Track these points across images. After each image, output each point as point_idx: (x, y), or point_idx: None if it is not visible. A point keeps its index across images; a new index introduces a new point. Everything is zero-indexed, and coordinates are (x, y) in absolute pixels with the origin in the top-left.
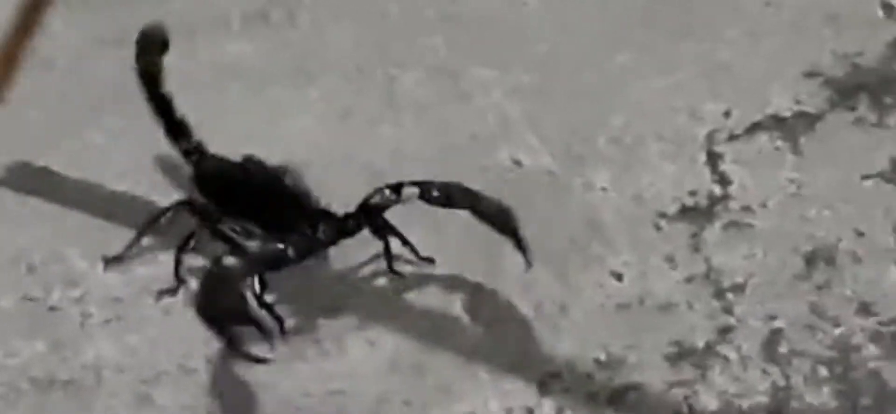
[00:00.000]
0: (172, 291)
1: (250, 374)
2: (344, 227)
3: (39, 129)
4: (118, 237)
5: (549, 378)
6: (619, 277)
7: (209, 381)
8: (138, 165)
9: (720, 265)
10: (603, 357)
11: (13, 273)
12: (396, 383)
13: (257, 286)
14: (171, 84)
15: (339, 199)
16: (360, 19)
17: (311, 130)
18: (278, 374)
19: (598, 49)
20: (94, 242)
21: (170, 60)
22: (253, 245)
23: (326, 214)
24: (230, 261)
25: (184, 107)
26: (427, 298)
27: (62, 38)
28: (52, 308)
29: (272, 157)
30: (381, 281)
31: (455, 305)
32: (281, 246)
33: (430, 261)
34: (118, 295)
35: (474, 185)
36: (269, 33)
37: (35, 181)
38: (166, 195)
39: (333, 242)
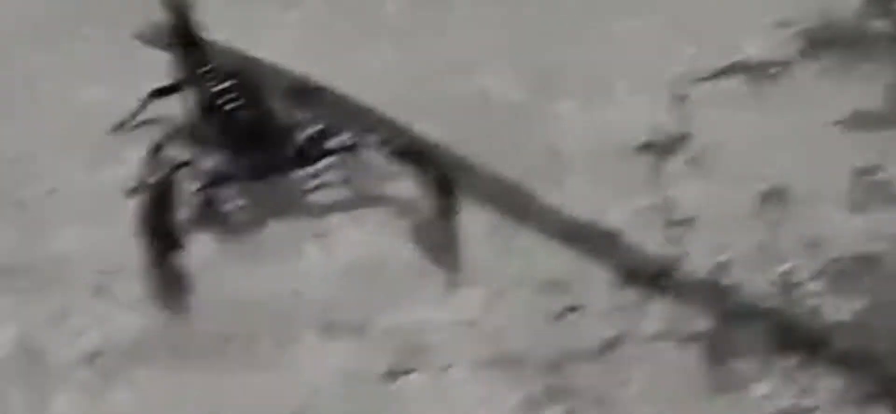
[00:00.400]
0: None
1: (205, 274)
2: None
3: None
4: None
5: (494, 296)
6: (572, 204)
7: None
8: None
9: (674, 198)
10: (549, 278)
11: None
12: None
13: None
14: None
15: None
16: None
17: (289, 52)
18: (232, 275)
19: None
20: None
21: None
22: (205, 161)
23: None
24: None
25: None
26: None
27: None
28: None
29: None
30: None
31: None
32: (227, 167)
33: None
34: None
35: (442, 114)
36: None
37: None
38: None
39: (283, 170)
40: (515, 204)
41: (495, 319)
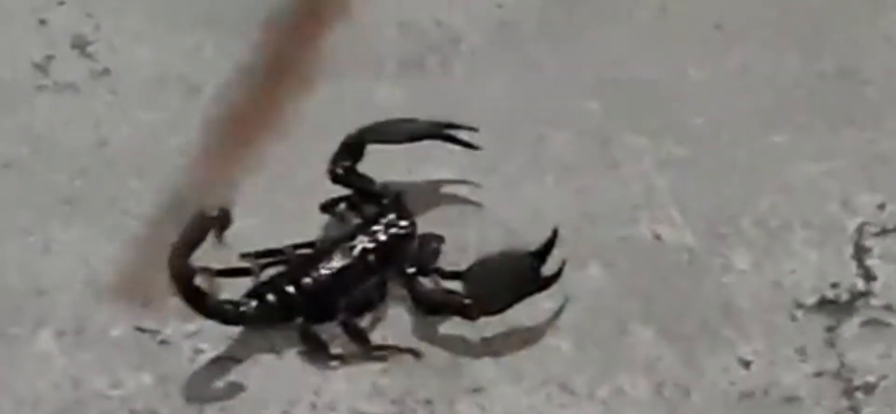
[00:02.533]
0: None
1: None
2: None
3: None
4: None
5: None
6: (746, 365)
7: None
8: (268, 203)
9: (853, 362)
10: None
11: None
12: None
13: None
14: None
15: (471, 255)
16: (516, 74)
17: (454, 182)
18: None
19: (755, 126)
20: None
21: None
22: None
23: None
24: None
25: (325, 149)
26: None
27: (211, 64)
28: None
29: (411, 202)
30: None
31: (576, 378)
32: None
33: None
34: (230, 332)
35: (613, 258)
36: (423, 80)
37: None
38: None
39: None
40: (685, 363)
41: None
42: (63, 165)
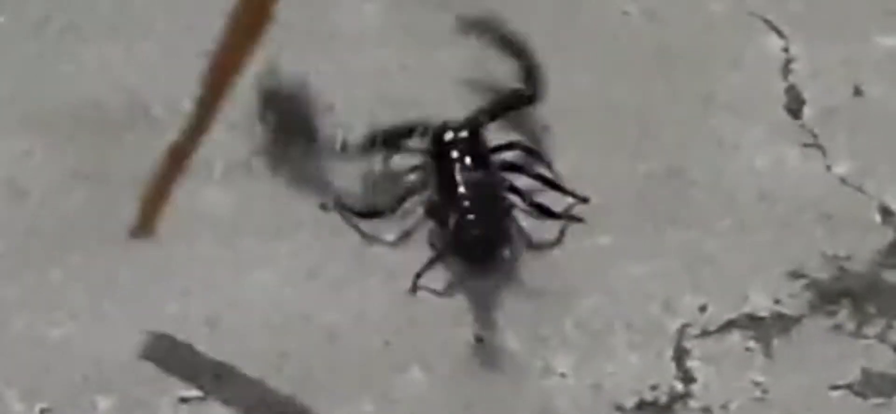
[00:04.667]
0: None
1: None
2: None
3: (5, 259)
4: (57, 383)
5: None
6: None
7: None
8: (93, 308)
9: None
10: None
11: None
12: None
13: None
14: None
15: (297, 360)
16: (343, 177)
17: (276, 287)
18: None
19: (581, 227)
20: (33, 384)
21: None
22: None
23: None
24: None
25: (149, 253)
26: None
27: (39, 169)
28: None
29: (233, 312)
30: None
31: None
32: None
33: None
34: None
35: (434, 362)
36: (250, 183)
37: None
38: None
39: None
40: None
41: None
42: None
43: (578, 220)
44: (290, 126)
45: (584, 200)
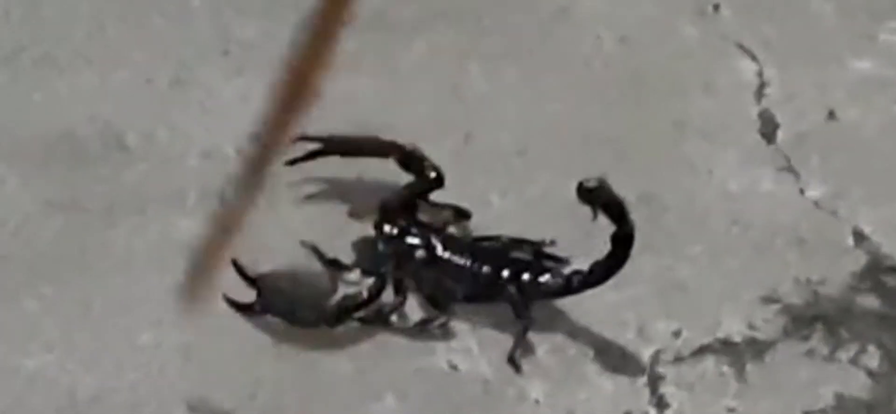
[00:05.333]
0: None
1: None
2: None
3: None
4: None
5: None
6: None
7: None
8: (66, 338)
9: None
10: None
11: None
12: None
13: None
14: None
15: (270, 389)
16: (319, 204)
17: (249, 317)
18: None
19: (555, 254)
20: None
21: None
22: None
23: None
24: None
25: (126, 282)
26: None
27: (12, 198)
28: None
29: (205, 342)
30: None
31: None
32: None
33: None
34: None
35: (408, 389)
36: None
37: None
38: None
39: None
40: None
41: None
42: None
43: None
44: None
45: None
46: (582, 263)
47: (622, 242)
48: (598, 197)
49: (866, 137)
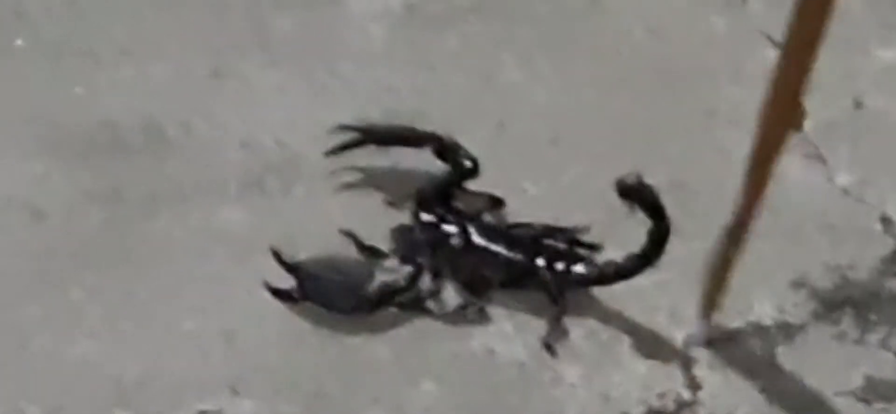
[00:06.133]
0: None
1: None
2: None
3: (25, 278)
4: (78, 400)
5: None
6: None
7: None
8: (111, 326)
9: None
10: None
11: None
12: None
13: None
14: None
15: (311, 374)
16: (354, 195)
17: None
18: None
19: (588, 239)
20: (54, 402)
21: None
22: None
23: None
24: None
25: (168, 271)
26: None
27: (56, 190)
28: None
29: (247, 328)
30: None
31: None
32: None
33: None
34: None
35: (445, 374)
36: (263, 201)
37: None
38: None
39: None
40: None
41: None
42: None
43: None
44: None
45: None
46: (614, 251)
47: (657, 239)
48: (637, 193)
49: (893, 125)
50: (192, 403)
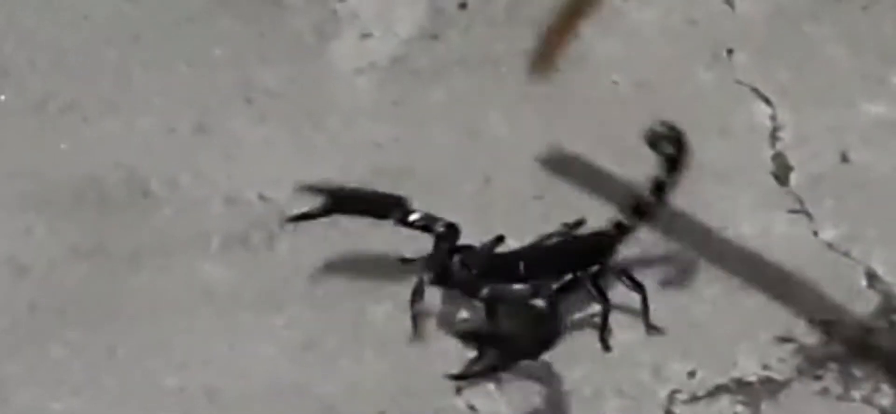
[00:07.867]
0: None
1: None
2: None
3: (7, 335)
4: None
5: None
6: None
7: None
8: (93, 382)
9: None
10: None
11: None
12: None
13: None
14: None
15: None
16: (339, 248)
17: (272, 359)
18: None
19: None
20: None
21: (146, 278)
22: None
23: None
24: None
25: (151, 326)
26: None
27: (40, 245)
28: None
29: (230, 384)
30: None
31: None
32: None
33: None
34: None
35: None
36: (247, 257)
37: None
38: None
39: None
40: None
41: None
42: None
43: None
44: None
45: None
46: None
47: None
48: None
49: (879, 180)
50: None
